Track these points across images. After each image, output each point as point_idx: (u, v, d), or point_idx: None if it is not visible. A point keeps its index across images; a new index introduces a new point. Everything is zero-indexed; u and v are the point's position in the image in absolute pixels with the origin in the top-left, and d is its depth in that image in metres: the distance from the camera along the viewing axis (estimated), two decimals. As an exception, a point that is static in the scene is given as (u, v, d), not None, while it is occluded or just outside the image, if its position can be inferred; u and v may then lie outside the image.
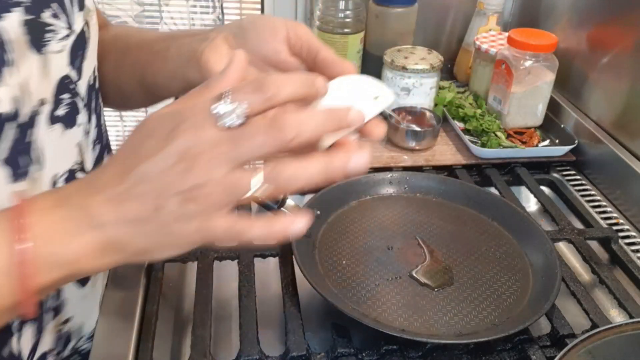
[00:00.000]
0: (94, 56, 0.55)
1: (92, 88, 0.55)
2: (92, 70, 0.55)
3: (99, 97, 0.58)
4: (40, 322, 0.54)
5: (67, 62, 0.50)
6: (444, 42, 1.20)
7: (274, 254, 0.70)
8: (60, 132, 0.50)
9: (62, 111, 0.50)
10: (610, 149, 0.86)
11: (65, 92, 0.50)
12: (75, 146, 0.53)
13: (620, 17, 0.88)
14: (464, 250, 0.70)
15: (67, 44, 0.49)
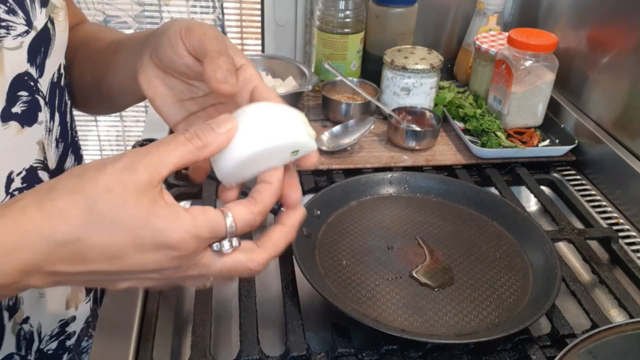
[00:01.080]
0: (60, 53, 0.53)
1: (56, 85, 0.53)
2: (56, 67, 0.52)
3: (64, 95, 0.55)
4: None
5: (26, 59, 0.48)
6: (444, 42, 1.20)
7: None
8: (17, 130, 0.48)
9: (19, 109, 0.48)
10: (610, 149, 0.86)
11: (22, 89, 0.48)
12: (36, 144, 0.51)
13: (620, 17, 0.88)
14: (464, 250, 0.70)
15: (26, 40, 0.47)
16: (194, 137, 0.37)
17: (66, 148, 0.57)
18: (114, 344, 0.57)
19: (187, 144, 0.37)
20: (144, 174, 0.35)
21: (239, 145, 0.38)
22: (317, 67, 1.09)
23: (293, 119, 0.41)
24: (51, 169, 0.54)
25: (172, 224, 0.35)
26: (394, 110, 0.95)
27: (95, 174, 0.35)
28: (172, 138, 0.37)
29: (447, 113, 1.00)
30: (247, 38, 1.48)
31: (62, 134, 0.55)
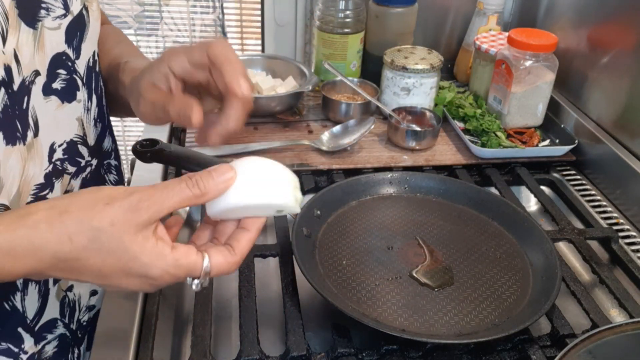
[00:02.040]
0: (94, 40, 0.58)
1: (92, 70, 0.58)
2: (91, 53, 0.58)
3: (99, 80, 0.61)
4: (44, 284, 0.56)
5: (63, 39, 0.53)
6: (444, 42, 1.20)
7: (274, 254, 0.70)
8: (57, 105, 0.53)
9: (58, 85, 0.53)
10: (610, 149, 0.86)
11: (61, 67, 0.53)
12: (76, 120, 0.56)
13: (620, 17, 0.88)
14: (464, 250, 0.70)
15: (64, 23, 0.52)
16: (194, 186, 0.43)
17: (104, 129, 0.63)
18: (114, 344, 0.57)
19: (187, 191, 0.42)
20: (144, 215, 0.41)
21: (233, 195, 0.44)
22: (317, 67, 1.09)
23: (285, 183, 0.46)
24: (90, 145, 0.60)
25: (156, 262, 0.42)
26: (394, 110, 0.95)
27: (104, 207, 0.41)
28: (176, 184, 0.43)
29: (447, 113, 1.00)
30: (247, 38, 1.48)
31: (100, 115, 0.61)
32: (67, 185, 0.56)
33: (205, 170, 0.44)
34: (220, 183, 0.43)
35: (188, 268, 0.43)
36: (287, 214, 0.48)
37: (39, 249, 0.40)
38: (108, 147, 0.66)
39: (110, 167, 0.67)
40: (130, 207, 0.41)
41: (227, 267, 0.45)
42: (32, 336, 0.55)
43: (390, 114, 0.94)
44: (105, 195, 0.42)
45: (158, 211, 0.41)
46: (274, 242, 0.72)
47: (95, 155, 0.61)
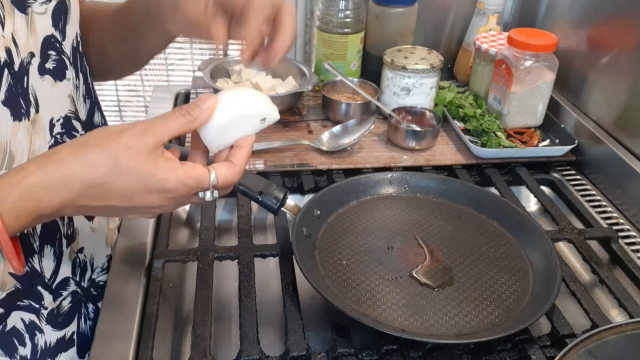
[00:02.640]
0: (76, 22, 0.63)
1: (76, 50, 0.63)
2: (74, 34, 0.62)
3: (83, 60, 0.66)
4: (58, 246, 0.60)
5: (51, 23, 0.58)
6: (444, 42, 1.20)
7: (274, 254, 0.70)
8: (52, 83, 0.58)
9: (50, 65, 0.58)
10: (610, 149, 0.86)
11: (51, 49, 0.58)
12: (68, 97, 0.62)
13: (620, 17, 0.88)
14: (464, 250, 0.70)
15: (49, 7, 0.57)
16: (186, 113, 0.49)
17: (92, 105, 0.68)
18: (114, 343, 0.57)
19: (181, 118, 0.48)
20: (152, 138, 0.46)
21: (218, 115, 0.50)
22: (317, 67, 1.09)
23: (258, 97, 0.53)
24: (82, 120, 0.65)
25: (170, 175, 0.47)
26: (394, 110, 0.95)
27: (118, 136, 0.46)
28: (172, 114, 0.49)
29: (447, 113, 1.00)
30: (247, 38, 1.48)
31: (87, 92, 0.66)
32: None
33: (191, 102, 0.50)
34: (205, 109, 0.49)
35: (197, 179, 0.48)
36: (269, 121, 0.53)
37: (70, 179, 0.45)
38: (98, 122, 0.70)
39: None
40: (139, 133, 0.46)
41: (231, 177, 0.50)
42: (51, 293, 0.59)
43: (390, 114, 0.94)
44: (116, 128, 0.47)
45: (162, 135, 0.47)
46: (274, 242, 0.72)
47: (89, 129, 0.66)
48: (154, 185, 0.47)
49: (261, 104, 0.53)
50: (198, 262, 0.67)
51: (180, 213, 0.83)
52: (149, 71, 1.56)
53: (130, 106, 1.72)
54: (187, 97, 1.09)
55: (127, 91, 1.63)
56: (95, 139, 0.47)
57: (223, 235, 0.81)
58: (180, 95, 1.11)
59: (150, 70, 1.56)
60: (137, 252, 0.70)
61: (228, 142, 0.52)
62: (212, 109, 0.50)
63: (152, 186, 0.47)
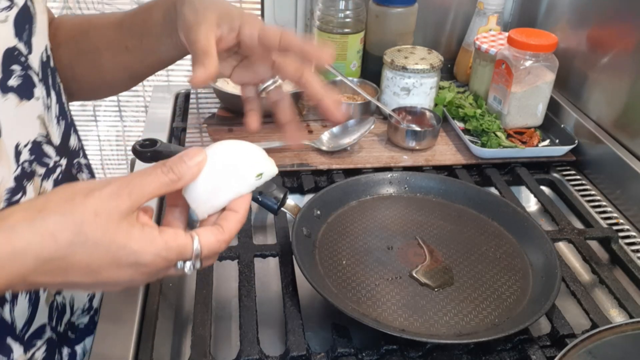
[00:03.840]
0: (44, 34, 0.55)
1: (47, 65, 0.55)
2: (43, 47, 0.54)
3: (55, 76, 0.58)
4: (34, 291, 0.54)
5: (13, 33, 0.49)
6: (444, 42, 1.20)
7: (274, 254, 0.70)
8: (16, 102, 0.50)
9: (14, 82, 0.50)
10: (610, 149, 0.86)
11: (15, 63, 0.50)
12: (37, 118, 0.53)
13: (620, 17, 0.88)
14: (464, 250, 0.70)
15: (10, 15, 0.49)
16: (169, 171, 0.42)
17: (67, 127, 0.60)
18: (114, 343, 0.57)
19: (162, 176, 0.42)
20: (127, 202, 0.40)
21: (207, 173, 0.44)
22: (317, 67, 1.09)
23: (255, 151, 0.48)
24: (56, 145, 0.56)
25: (147, 247, 0.40)
26: (394, 110, 0.95)
27: (85, 198, 0.39)
28: (152, 171, 0.42)
29: (447, 113, 1.00)
30: (247, 38, 1.48)
31: (61, 112, 0.58)
32: (40, 188, 0.53)
33: (177, 156, 0.43)
34: (192, 166, 0.43)
35: (179, 250, 0.42)
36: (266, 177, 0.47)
37: (21, 252, 0.37)
38: (75, 145, 0.62)
39: (81, 166, 0.64)
40: (111, 195, 0.39)
41: (217, 246, 0.44)
42: (22, 345, 0.53)
43: (390, 114, 0.94)
44: (83, 187, 0.40)
45: (139, 198, 0.41)
46: (274, 242, 0.72)
47: (63, 154, 0.58)
48: (126, 259, 0.40)
49: (257, 158, 0.47)
50: (198, 262, 0.67)
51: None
52: (149, 71, 1.56)
53: (130, 106, 1.72)
54: (187, 97, 1.09)
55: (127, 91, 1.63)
56: (57, 201, 0.39)
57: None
58: (180, 95, 1.11)
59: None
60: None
61: (219, 204, 0.46)
62: (200, 166, 0.44)
63: (123, 260, 0.40)
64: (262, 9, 1.18)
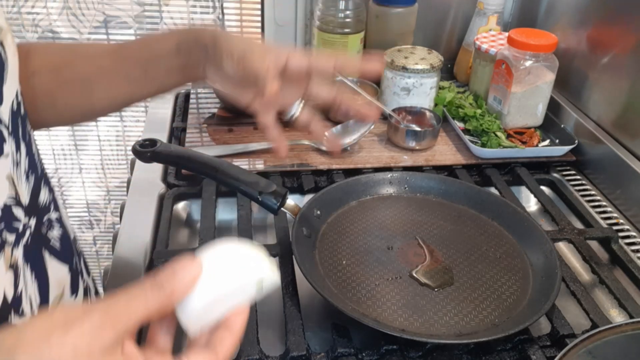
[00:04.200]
0: (15, 78, 0.48)
1: (17, 114, 0.48)
2: (14, 94, 0.48)
3: (26, 124, 0.51)
4: None
5: None
6: (444, 42, 1.20)
7: (274, 254, 0.70)
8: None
9: None
10: (610, 149, 0.86)
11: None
12: (6, 179, 0.46)
13: (620, 17, 0.88)
14: (464, 250, 0.70)
15: None
16: (160, 288, 0.37)
17: (37, 181, 0.52)
18: (114, 344, 0.57)
19: (152, 297, 0.36)
20: (110, 335, 0.35)
21: (203, 286, 0.38)
22: (317, 67, 1.09)
23: (255, 254, 0.41)
24: (25, 205, 0.49)
25: None
26: (394, 110, 0.95)
27: (63, 334, 0.34)
28: (139, 291, 0.37)
29: (447, 113, 1.00)
30: (247, 38, 1.48)
31: (31, 166, 0.51)
32: (10, 259, 0.46)
33: (167, 269, 0.38)
34: (186, 278, 0.37)
35: None
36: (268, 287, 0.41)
37: None
38: (45, 200, 0.54)
39: (52, 222, 0.56)
40: (92, 329, 0.34)
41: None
42: None
43: (390, 114, 0.94)
44: (60, 319, 0.35)
45: (125, 327, 0.35)
46: (274, 242, 0.72)
47: (32, 213, 0.50)
48: None
49: (257, 265, 0.41)
50: (198, 262, 0.67)
51: (181, 213, 0.83)
52: (149, 71, 1.56)
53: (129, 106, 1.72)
54: (187, 97, 1.09)
55: (127, 91, 1.63)
56: (31, 339, 0.34)
57: (223, 235, 0.80)
58: (180, 96, 1.11)
59: (150, 70, 1.56)
60: (137, 252, 0.70)
61: (213, 319, 0.40)
62: (195, 278, 0.38)
63: None
64: (262, 9, 1.18)
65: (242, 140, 0.93)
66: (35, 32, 1.39)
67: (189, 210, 0.83)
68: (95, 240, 1.81)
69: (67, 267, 0.55)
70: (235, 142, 0.91)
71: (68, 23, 1.39)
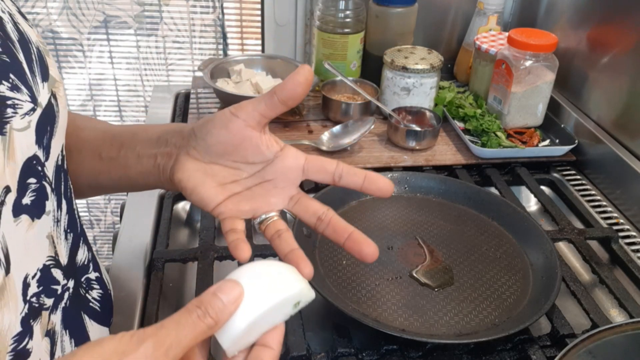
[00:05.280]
0: (63, 132, 0.47)
1: (61, 169, 0.47)
2: (60, 148, 0.47)
3: (67, 179, 0.49)
4: None
5: (34, 140, 0.42)
6: (444, 42, 1.20)
7: (274, 254, 0.69)
8: (28, 224, 0.41)
9: (29, 199, 0.41)
10: (610, 149, 0.86)
11: (32, 175, 0.42)
12: (46, 238, 0.44)
13: (620, 17, 0.88)
14: (464, 250, 0.70)
15: (33, 119, 0.42)
16: (206, 316, 0.37)
17: (76, 239, 0.51)
18: (114, 344, 0.57)
19: (200, 324, 0.37)
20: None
21: (243, 309, 0.38)
22: (317, 67, 1.09)
23: (288, 272, 0.42)
24: (63, 265, 0.47)
25: None
26: (394, 110, 0.95)
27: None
28: (187, 318, 0.37)
29: (447, 113, 1.00)
30: (247, 38, 1.48)
31: (71, 223, 0.49)
32: (47, 324, 0.44)
33: (209, 293, 0.38)
34: (230, 304, 0.38)
35: None
36: (304, 304, 0.42)
37: None
38: (84, 259, 0.53)
39: (91, 282, 0.54)
40: (146, 357, 0.34)
41: None
42: None
43: (390, 114, 0.94)
44: (112, 348, 0.34)
45: (177, 354, 0.36)
46: (274, 242, 0.71)
47: (71, 274, 0.49)
48: None
49: (293, 283, 0.41)
50: (198, 262, 0.67)
51: (180, 213, 0.83)
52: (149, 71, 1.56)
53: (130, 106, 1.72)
54: (187, 98, 1.09)
55: (127, 91, 1.63)
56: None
57: (223, 235, 0.80)
58: (180, 96, 1.11)
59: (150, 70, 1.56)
60: (137, 252, 0.70)
61: (253, 339, 0.40)
62: (238, 303, 0.38)
63: None
64: (262, 9, 1.18)
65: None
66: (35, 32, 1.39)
67: (189, 210, 0.83)
68: (95, 240, 1.81)
69: (107, 330, 0.53)
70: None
71: (68, 23, 1.39)
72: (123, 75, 1.52)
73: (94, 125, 0.57)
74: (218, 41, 1.45)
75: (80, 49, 1.44)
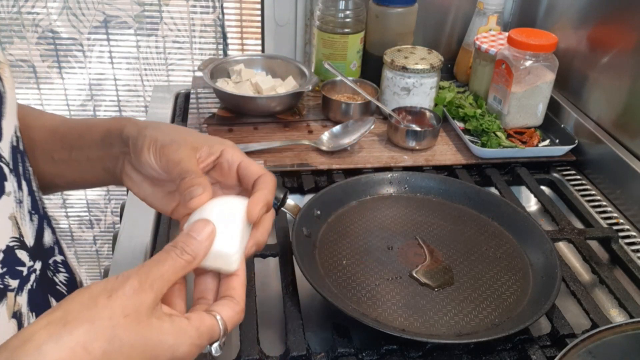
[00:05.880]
0: (13, 113, 0.47)
1: (16, 150, 0.47)
2: (13, 129, 0.47)
3: (25, 161, 0.49)
4: None
5: None
6: (444, 42, 1.20)
7: (274, 254, 0.70)
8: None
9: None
10: (610, 149, 0.86)
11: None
12: (9, 219, 0.45)
13: (620, 17, 0.88)
14: (464, 250, 0.70)
15: None
16: (182, 253, 0.40)
17: (41, 221, 0.51)
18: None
19: (179, 260, 0.40)
20: (150, 295, 0.37)
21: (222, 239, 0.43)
22: (317, 67, 1.09)
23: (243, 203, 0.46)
24: (30, 246, 0.48)
25: (181, 338, 0.38)
26: (394, 110, 0.95)
27: (109, 300, 0.36)
28: (165, 256, 0.40)
29: (447, 113, 1.00)
30: (247, 38, 1.48)
31: (34, 205, 0.50)
32: (14, 305, 0.45)
33: (183, 234, 0.41)
34: (204, 241, 0.41)
35: (209, 333, 0.40)
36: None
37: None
38: (50, 241, 0.53)
39: (58, 265, 0.55)
40: (134, 292, 0.37)
41: (237, 318, 0.43)
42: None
43: (390, 114, 0.94)
44: (101, 289, 0.37)
45: (161, 287, 0.38)
46: (274, 242, 0.71)
47: (37, 256, 0.49)
48: (164, 355, 0.38)
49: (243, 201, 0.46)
50: (198, 262, 0.67)
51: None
52: (149, 71, 1.56)
53: (130, 106, 1.72)
54: (187, 97, 1.09)
55: (127, 91, 1.63)
56: (78, 309, 0.35)
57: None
58: (180, 95, 1.11)
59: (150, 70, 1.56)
60: (137, 252, 0.70)
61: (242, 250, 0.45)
62: (211, 239, 0.42)
63: (161, 357, 0.38)
64: (262, 9, 1.18)
65: (242, 140, 0.93)
66: (35, 32, 1.39)
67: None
68: (95, 239, 1.81)
69: None
70: (235, 142, 0.90)
71: (68, 23, 1.39)
72: (123, 75, 1.52)
73: (42, 123, 0.57)
74: (218, 41, 1.45)
75: (80, 49, 1.44)
